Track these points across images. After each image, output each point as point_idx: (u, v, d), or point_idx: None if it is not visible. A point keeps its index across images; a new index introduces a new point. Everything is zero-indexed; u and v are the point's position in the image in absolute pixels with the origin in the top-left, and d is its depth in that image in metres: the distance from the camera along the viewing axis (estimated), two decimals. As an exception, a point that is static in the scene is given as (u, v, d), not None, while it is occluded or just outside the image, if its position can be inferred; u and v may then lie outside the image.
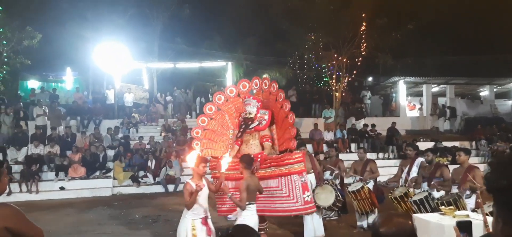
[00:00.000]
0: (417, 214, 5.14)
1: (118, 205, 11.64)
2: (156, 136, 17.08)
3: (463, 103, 24.70)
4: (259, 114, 6.63)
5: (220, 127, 7.12)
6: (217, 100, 7.16)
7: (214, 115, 7.11)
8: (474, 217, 4.22)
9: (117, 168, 14.00)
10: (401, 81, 23.58)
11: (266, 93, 7.06)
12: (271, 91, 7.01)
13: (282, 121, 6.86)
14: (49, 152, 14.11)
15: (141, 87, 21.97)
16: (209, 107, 7.19)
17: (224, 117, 7.19)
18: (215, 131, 7.07)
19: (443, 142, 18.00)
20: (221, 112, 7.15)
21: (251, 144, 6.64)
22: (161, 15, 23.76)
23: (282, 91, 7.06)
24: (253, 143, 6.66)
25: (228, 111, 7.20)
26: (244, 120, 6.60)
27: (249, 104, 6.63)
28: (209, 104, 7.25)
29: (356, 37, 19.37)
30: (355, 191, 7.75)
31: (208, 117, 7.08)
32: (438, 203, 5.87)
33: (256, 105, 6.65)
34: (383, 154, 17.19)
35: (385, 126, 18.82)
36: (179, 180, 13.91)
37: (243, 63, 23.27)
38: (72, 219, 10.14)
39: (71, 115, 17.82)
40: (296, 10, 19.93)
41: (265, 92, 7.07)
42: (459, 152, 7.19)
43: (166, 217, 10.01)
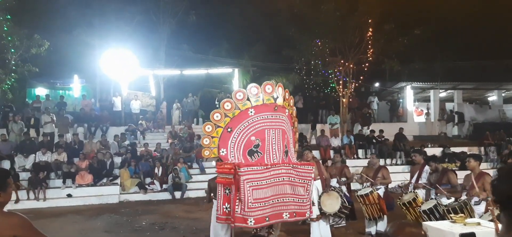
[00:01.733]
0: (428, 222, 5.07)
1: (125, 212, 11.63)
2: (162, 143, 17.10)
3: (471, 108, 24.50)
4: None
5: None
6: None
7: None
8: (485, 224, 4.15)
9: (124, 175, 14.01)
10: (408, 86, 23.46)
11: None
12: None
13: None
14: (57, 159, 14.16)
15: (148, 94, 22.04)
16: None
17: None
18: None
19: (451, 147, 17.85)
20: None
21: None
22: (167, 22, 23.88)
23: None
24: None
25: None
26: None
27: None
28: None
29: (363, 42, 19.31)
30: (363, 195, 7.76)
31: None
32: (445, 210, 5.79)
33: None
34: (390, 160, 17.06)
35: (392, 132, 18.69)
36: (186, 186, 13.90)
37: (250, 70, 23.31)
38: (79, 226, 10.15)
39: (78, 122, 17.92)
40: (302, 16, 19.94)
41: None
42: (469, 158, 7.12)
43: (173, 224, 10.00)
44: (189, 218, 10.54)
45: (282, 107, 5.57)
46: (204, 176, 15.05)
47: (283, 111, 5.58)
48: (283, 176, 5.36)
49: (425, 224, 4.58)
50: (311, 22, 19.64)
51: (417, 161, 8.53)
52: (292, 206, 5.48)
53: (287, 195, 5.42)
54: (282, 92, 5.57)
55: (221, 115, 5.71)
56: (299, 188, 5.41)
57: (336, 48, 19.66)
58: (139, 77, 21.39)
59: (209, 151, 5.91)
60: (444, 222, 4.67)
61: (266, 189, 5.30)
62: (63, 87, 22.84)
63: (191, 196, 13.77)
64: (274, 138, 5.44)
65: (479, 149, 18.44)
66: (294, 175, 5.40)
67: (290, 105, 5.80)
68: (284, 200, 5.41)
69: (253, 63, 23.40)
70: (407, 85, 23.40)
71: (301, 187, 5.42)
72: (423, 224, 4.72)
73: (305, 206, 5.45)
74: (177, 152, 15.61)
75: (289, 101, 5.76)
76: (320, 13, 19.19)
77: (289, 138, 5.61)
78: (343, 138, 18.14)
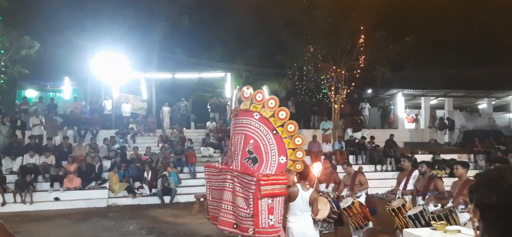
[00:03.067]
0: (408, 229, 5.06)
1: (113, 216, 11.53)
2: (153, 146, 17.01)
3: (461, 116, 24.67)
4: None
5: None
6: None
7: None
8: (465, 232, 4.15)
9: (113, 178, 13.89)
10: (400, 93, 23.57)
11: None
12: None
13: None
14: (44, 162, 14.01)
15: (139, 98, 21.93)
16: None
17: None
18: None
19: (441, 154, 17.96)
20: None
21: None
22: (160, 25, 23.79)
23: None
24: None
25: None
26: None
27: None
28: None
29: (355, 49, 19.39)
30: (346, 207, 7.67)
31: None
32: (430, 217, 5.79)
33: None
34: (381, 166, 17.11)
35: (383, 138, 18.77)
36: (175, 191, 13.81)
37: (243, 74, 23.28)
38: (66, 230, 10.04)
39: (68, 125, 17.77)
40: (295, 22, 20.00)
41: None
42: (456, 165, 7.14)
43: (160, 229, 9.92)
44: (177, 223, 10.47)
45: (247, 111, 5.40)
46: (194, 180, 15.01)
47: (248, 115, 5.37)
48: (228, 182, 5.27)
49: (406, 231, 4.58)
50: (304, 28, 19.71)
51: (405, 167, 8.56)
52: (233, 216, 5.28)
53: (229, 203, 5.30)
54: (248, 94, 5.47)
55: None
56: (239, 199, 5.13)
57: (329, 54, 19.73)
58: (131, 80, 21.27)
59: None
60: (425, 229, 4.67)
61: (218, 191, 5.44)
62: (53, 89, 22.64)
63: (181, 201, 13.68)
64: (235, 143, 5.41)
65: (469, 156, 18.60)
66: (236, 184, 5.20)
67: (269, 106, 5.44)
68: (227, 207, 5.31)
69: (246, 68, 23.39)
70: (398, 92, 23.52)
71: (242, 199, 5.10)
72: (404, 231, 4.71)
73: (246, 221, 5.05)
74: (167, 156, 15.52)
75: (267, 102, 5.45)
76: (313, 19, 19.26)
77: (259, 143, 5.24)
78: (334, 144, 18.17)
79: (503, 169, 1.72)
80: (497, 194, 1.25)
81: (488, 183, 1.52)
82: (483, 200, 1.28)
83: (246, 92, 5.44)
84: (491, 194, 1.27)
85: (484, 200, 1.28)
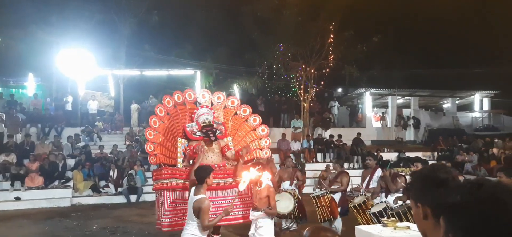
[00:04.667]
0: (359, 226, 5.17)
1: (76, 216, 11.25)
2: (119, 145, 16.69)
3: (426, 115, 25.36)
4: (215, 124, 6.59)
5: (170, 133, 6.94)
6: (166, 103, 6.97)
7: (165, 119, 6.95)
8: (414, 228, 4.26)
9: (77, 177, 13.55)
10: (367, 92, 24.02)
11: (220, 107, 7.08)
12: (227, 105, 7.12)
13: (241, 133, 6.97)
14: (5, 160, 13.52)
15: (107, 95, 21.48)
16: (159, 109, 6.97)
17: (173, 123, 7.01)
18: (165, 142, 6.85)
19: (406, 152, 18.37)
20: (170, 118, 6.98)
21: (210, 152, 6.58)
22: (128, 21, 23.27)
23: (248, 107, 7.21)
24: (212, 152, 6.60)
25: (175, 117, 7.04)
26: (207, 128, 6.48)
27: (203, 113, 6.56)
28: (160, 106, 7.02)
29: (324, 48, 19.63)
30: (316, 196, 8.00)
31: (159, 119, 6.87)
32: (390, 214, 5.93)
33: (211, 112, 6.63)
34: (348, 164, 17.37)
35: (351, 137, 19.10)
36: (141, 190, 13.62)
37: (213, 72, 23.17)
38: (26, 231, 9.73)
39: (31, 122, 17.20)
40: (265, 20, 20.08)
41: (219, 105, 7.07)
42: (416, 163, 7.35)
43: (125, 228, 9.76)
44: (143, 222, 10.31)
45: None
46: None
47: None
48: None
49: (357, 228, 4.67)
50: (274, 26, 19.80)
51: (370, 165, 8.74)
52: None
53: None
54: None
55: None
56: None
57: (298, 53, 19.90)
58: (98, 76, 20.83)
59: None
60: (376, 226, 4.78)
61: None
62: (16, 86, 21.85)
63: (147, 200, 13.47)
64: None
65: (433, 154, 19.13)
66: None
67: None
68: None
69: (215, 66, 23.28)
70: (366, 91, 23.96)
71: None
72: (356, 228, 4.81)
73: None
74: (134, 155, 15.27)
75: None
76: (282, 18, 19.37)
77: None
78: (303, 142, 18.33)
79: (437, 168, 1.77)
80: (460, 194, 1.27)
81: (440, 182, 1.55)
82: (445, 199, 1.29)
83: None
84: (453, 194, 1.28)
85: (446, 200, 1.29)
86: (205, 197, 4.58)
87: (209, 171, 4.80)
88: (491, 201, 1.18)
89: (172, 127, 6.95)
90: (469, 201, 1.21)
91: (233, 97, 7.19)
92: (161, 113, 6.88)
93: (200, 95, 7.04)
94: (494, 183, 1.26)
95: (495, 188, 1.23)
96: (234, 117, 7.26)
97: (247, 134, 7.28)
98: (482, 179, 1.31)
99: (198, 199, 4.52)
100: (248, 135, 7.28)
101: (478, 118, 26.17)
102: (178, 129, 6.95)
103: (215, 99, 7.05)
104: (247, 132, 7.28)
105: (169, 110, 6.96)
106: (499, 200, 1.18)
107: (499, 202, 1.18)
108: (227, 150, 6.70)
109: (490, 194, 1.21)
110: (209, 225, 4.53)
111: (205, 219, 4.44)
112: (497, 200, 1.18)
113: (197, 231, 4.53)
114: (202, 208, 4.44)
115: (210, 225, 4.60)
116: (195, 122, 6.61)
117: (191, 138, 6.59)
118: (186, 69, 22.41)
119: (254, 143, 7.22)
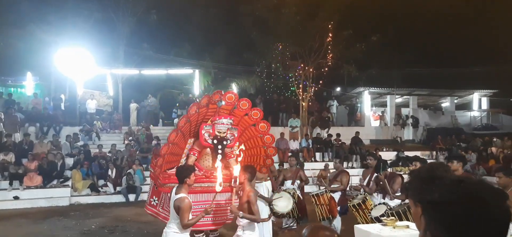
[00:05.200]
0: (358, 225, 5.17)
1: (75, 215, 11.23)
2: (118, 144, 16.67)
3: (425, 114, 25.41)
4: (229, 131, 6.58)
5: (182, 138, 6.81)
6: (191, 111, 6.64)
7: (182, 127, 6.68)
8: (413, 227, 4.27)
9: (75, 176, 13.54)
10: (366, 91, 24.03)
11: (241, 112, 6.99)
12: (247, 112, 7.01)
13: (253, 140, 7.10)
14: (3, 160, 13.49)
15: (105, 94, 21.45)
16: (182, 120, 6.70)
17: (189, 126, 6.81)
18: (179, 142, 6.78)
19: (405, 152, 18.39)
20: (188, 124, 6.72)
21: (212, 160, 6.59)
22: (127, 21, 23.21)
23: (259, 110, 7.14)
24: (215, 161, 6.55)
25: (193, 120, 6.82)
26: (218, 139, 6.47)
27: (224, 123, 6.53)
28: (183, 117, 6.76)
29: (322, 47, 19.63)
30: (315, 195, 8.06)
31: (179, 128, 6.64)
32: (389, 213, 5.93)
33: (229, 124, 6.58)
34: (346, 163, 17.38)
35: (350, 136, 19.09)
36: (140, 189, 13.61)
37: (211, 71, 23.17)
38: (24, 230, 9.71)
39: (30, 121, 17.17)
40: (264, 20, 20.07)
41: (240, 111, 6.97)
42: (415, 162, 7.34)
43: (124, 227, 9.75)
44: (141, 222, 10.30)
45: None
46: (160, 178, 14.79)
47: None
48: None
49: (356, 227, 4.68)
50: (272, 26, 19.79)
51: (371, 164, 8.72)
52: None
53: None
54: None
55: None
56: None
57: (296, 52, 19.90)
58: (96, 76, 20.80)
59: None
60: (375, 225, 4.78)
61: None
62: (15, 85, 21.78)
63: (146, 199, 13.43)
64: None
65: (431, 153, 19.16)
66: None
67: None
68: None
69: (214, 65, 23.27)
70: (365, 90, 23.98)
71: None
72: (355, 227, 4.81)
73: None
74: (133, 154, 15.26)
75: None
76: (281, 17, 19.36)
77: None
78: (301, 141, 18.33)
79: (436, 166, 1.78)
80: (439, 191, 1.28)
81: (427, 180, 1.56)
82: (426, 197, 1.31)
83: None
84: (433, 191, 1.29)
85: (427, 197, 1.30)
86: (185, 196, 4.71)
87: (189, 171, 4.93)
88: (470, 198, 1.20)
89: (186, 130, 6.75)
90: (450, 198, 1.23)
91: (245, 100, 7.01)
92: (192, 111, 6.56)
93: (227, 97, 6.68)
94: (474, 180, 1.28)
95: (475, 185, 1.25)
96: (243, 119, 7.16)
97: (254, 141, 7.36)
98: (462, 176, 1.33)
99: (178, 198, 4.66)
100: (255, 143, 7.39)
101: (476, 117, 26.21)
102: (192, 130, 6.87)
103: (240, 105, 6.87)
104: (255, 137, 7.29)
105: (190, 116, 6.63)
106: (479, 197, 1.20)
107: (479, 199, 1.20)
108: (229, 158, 6.69)
109: (470, 191, 1.22)
110: (188, 223, 4.66)
111: (185, 217, 4.59)
112: (477, 197, 1.20)
113: (180, 229, 4.71)
114: (181, 207, 4.59)
115: (190, 224, 4.71)
116: (211, 125, 6.54)
117: (201, 141, 6.52)
118: (185, 68, 22.41)
119: (259, 149, 7.40)
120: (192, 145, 6.88)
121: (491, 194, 1.22)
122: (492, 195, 1.22)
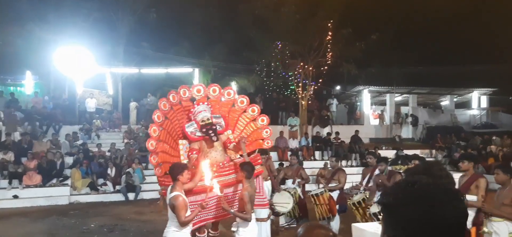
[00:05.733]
0: (356, 223, 5.17)
1: (74, 214, 11.25)
2: (118, 142, 16.68)
3: (425, 112, 25.40)
4: (214, 119, 6.37)
5: (170, 138, 6.56)
6: (163, 107, 6.49)
7: (163, 124, 6.46)
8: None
9: (75, 175, 13.54)
10: (366, 90, 24.03)
11: (217, 99, 6.88)
12: (224, 96, 6.85)
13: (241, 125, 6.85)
14: (3, 158, 13.49)
15: (105, 93, 21.44)
16: (157, 115, 6.42)
17: (171, 126, 6.60)
18: (168, 142, 6.52)
19: (404, 150, 18.39)
20: (168, 121, 6.53)
21: (212, 151, 6.35)
22: (126, 19, 23.23)
23: (244, 97, 6.97)
24: (214, 151, 6.37)
25: (173, 119, 6.62)
26: (207, 127, 6.24)
27: (201, 110, 6.33)
28: (156, 112, 6.48)
29: (322, 46, 19.62)
30: (314, 194, 8.04)
31: (158, 126, 6.37)
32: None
33: (208, 108, 6.41)
34: (346, 162, 17.39)
35: (349, 134, 19.10)
36: (139, 188, 13.62)
37: (211, 70, 23.17)
38: (23, 229, 9.71)
39: (29, 120, 17.16)
40: (263, 18, 20.04)
41: (215, 98, 6.81)
42: (414, 161, 7.35)
43: (123, 226, 9.75)
44: (140, 220, 10.32)
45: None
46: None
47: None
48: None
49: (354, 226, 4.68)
50: (272, 24, 19.76)
51: (371, 163, 8.71)
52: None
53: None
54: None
55: None
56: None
57: (296, 51, 19.89)
58: (96, 74, 20.78)
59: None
60: (372, 223, 4.78)
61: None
62: (14, 84, 21.78)
63: (145, 197, 13.48)
64: None
65: (431, 151, 19.16)
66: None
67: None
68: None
69: (214, 63, 23.28)
70: (365, 88, 23.97)
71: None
72: (353, 225, 4.81)
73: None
74: (132, 153, 15.26)
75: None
76: (281, 15, 19.34)
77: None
78: (301, 140, 18.34)
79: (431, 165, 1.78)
80: (393, 194, 1.31)
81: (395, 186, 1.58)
82: (382, 200, 1.34)
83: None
84: (389, 194, 1.33)
85: (383, 200, 1.33)
86: (179, 194, 4.71)
87: (182, 168, 4.92)
88: (422, 200, 1.22)
89: (171, 130, 6.62)
90: (403, 200, 1.24)
91: (228, 88, 6.96)
92: (159, 119, 6.38)
93: (195, 90, 6.65)
94: (427, 182, 1.29)
95: (428, 187, 1.27)
96: (232, 109, 6.91)
97: (246, 125, 6.93)
98: (417, 176, 1.35)
99: (172, 196, 4.68)
100: (247, 127, 6.94)
101: (476, 116, 26.21)
102: (177, 131, 6.58)
103: (211, 92, 6.71)
104: (247, 124, 6.93)
105: (166, 113, 6.49)
106: (430, 199, 1.22)
107: (431, 200, 1.22)
108: (229, 143, 6.46)
109: (422, 193, 1.25)
110: (186, 220, 4.65)
111: (181, 215, 4.60)
112: (428, 199, 1.22)
113: (178, 227, 4.72)
114: (175, 205, 4.62)
115: (187, 221, 4.70)
116: (193, 121, 6.39)
117: (192, 139, 6.25)
118: (184, 67, 22.41)
119: (254, 134, 6.91)
120: (188, 146, 6.66)
121: (444, 195, 1.23)
122: (445, 196, 1.23)
